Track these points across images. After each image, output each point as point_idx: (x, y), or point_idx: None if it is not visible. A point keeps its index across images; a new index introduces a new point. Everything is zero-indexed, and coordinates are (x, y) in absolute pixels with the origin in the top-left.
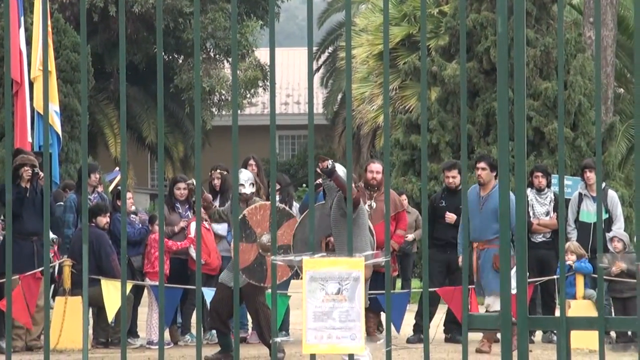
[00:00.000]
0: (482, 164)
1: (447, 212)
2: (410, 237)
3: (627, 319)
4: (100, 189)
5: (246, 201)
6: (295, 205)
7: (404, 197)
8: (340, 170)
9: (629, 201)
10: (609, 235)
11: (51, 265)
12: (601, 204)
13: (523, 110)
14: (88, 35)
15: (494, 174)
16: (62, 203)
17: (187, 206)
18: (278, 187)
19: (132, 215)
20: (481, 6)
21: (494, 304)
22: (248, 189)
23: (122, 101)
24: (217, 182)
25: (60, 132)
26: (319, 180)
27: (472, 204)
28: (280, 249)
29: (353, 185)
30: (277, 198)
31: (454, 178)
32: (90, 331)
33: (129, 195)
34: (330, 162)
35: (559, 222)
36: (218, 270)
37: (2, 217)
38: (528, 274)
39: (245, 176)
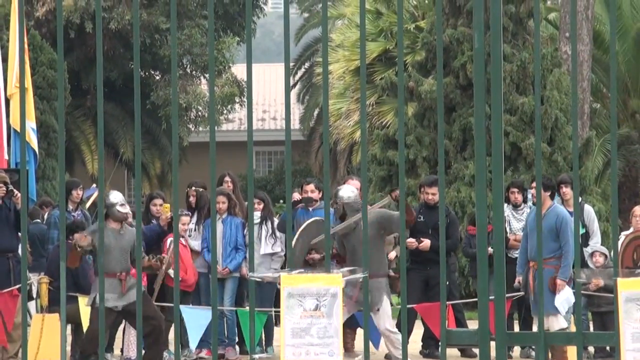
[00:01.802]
0: (534, 184)
1: (424, 240)
2: (392, 254)
3: (605, 334)
4: (87, 205)
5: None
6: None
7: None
8: (349, 190)
9: (606, 216)
10: (589, 249)
11: (28, 282)
12: (578, 220)
13: (500, 125)
14: (64, 51)
15: (548, 193)
16: (38, 220)
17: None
18: (262, 204)
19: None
20: (457, 21)
21: (552, 323)
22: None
23: (99, 118)
24: (192, 199)
25: (36, 149)
26: (296, 197)
27: (532, 223)
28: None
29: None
30: (258, 215)
31: (434, 195)
32: (68, 348)
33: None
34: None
35: (537, 236)
36: (194, 287)
37: None
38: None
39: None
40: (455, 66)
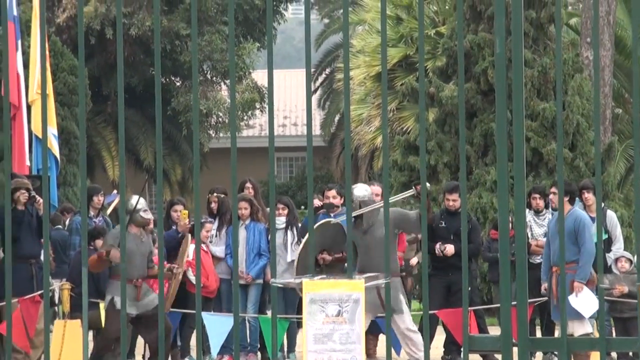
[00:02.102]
0: (554, 189)
1: (447, 245)
2: (414, 260)
3: (628, 340)
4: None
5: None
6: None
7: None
8: (362, 189)
9: (628, 221)
10: (612, 255)
11: (50, 288)
12: (601, 225)
13: (522, 131)
14: (85, 58)
15: (567, 198)
16: (59, 226)
17: None
18: (286, 209)
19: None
20: (478, 27)
21: (577, 328)
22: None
23: (120, 124)
24: (214, 205)
25: (58, 155)
26: (317, 203)
27: (552, 229)
28: None
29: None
30: (283, 220)
31: (454, 201)
32: (90, 354)
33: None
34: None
35: (560, 240)
36: (216, 293)
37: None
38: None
39: (142, 202)
40: (476, 72)
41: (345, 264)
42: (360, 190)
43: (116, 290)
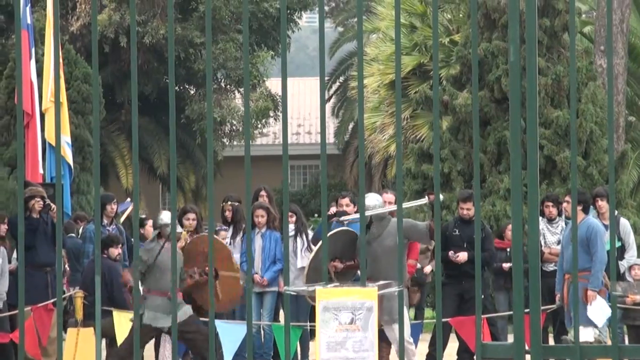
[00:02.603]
0: (567, 198)
1: (460, 253)
2: (427, 268)
3: None
4: (121, 219)
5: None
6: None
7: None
8: (374, 199)
9: None
10: (625, 263)
11: (64, 296)
12: (614, 233)
13: (535, 138)
14: (99, 66)
15: (581, 207)
16: (73, 235)
17: (196, 236)
18: (294, 217)
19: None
20: (492, 35)
21: (582, 335)
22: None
23: (134, 132)
24: (228, 213)
25: (71, 163)
26: (332, 210)
27: (566, 238)
28: None
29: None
30: (292, 227)
31: (468, 210)
32: None
33: (149, 223)
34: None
35: (573, 249)
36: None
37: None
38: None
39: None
40: (489, 80)
41: (358, 272)
42: (372, 200)
43: (150, 306)
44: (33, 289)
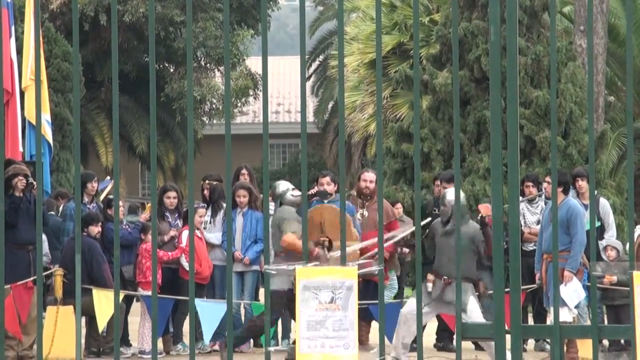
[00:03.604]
0: (548, 178)
1: None
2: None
3: (620, 327)
4: (101, 197)
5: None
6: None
7: (398, 205)
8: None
9: (621, 209)
10: (604, 242)
11: (44, 274)
12: (594, 213)
13: (516, 118)
14: (79, 44)
15: (561, 189)
16: (52, 213)
17: (176, 215)
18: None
19: (124, 223)
20: (472, 15)
21: (561, 315)
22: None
23: (114, 110)
24: (206, 192)
25: (51, 142)
26: (313, 191)
27: (546, 218)
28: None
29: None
30: (272, 206)
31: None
32: (83, 341)
33: (120, 204)
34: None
35: (552, 230)
36: (209, 280)
37: None
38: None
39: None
40: (469, 59)
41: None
42: (452, 194)
43: None
44: (15, 267)
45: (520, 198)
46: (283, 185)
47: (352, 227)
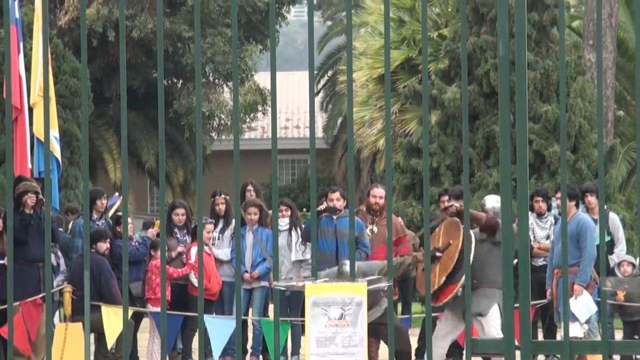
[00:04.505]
0: (559, 194)
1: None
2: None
3: (631, 343)
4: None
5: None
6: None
7: (399, 219)
8: (493, 200)
9: (630, 224)
10: (614, 257)
11: (53, 291)
12: (604, 228)
13: (525, 133)
14: (87, 60)
15: (573, 202)
16: (61, 229)
17: (185, 231)
18: (289, 211)
19: (133, 240)
20: (481, 29)
21: (572, 331)
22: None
23: (123, 126)
24: (221, 207)
25: (60, 158)
26: (322, 206)
27: (557, 232)
28: None
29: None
30: (287, 221)
31: (460, 207)
32: (92, 357)
33: (129, 220)
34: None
35: (562, 244)
36: (218, 296)
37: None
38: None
39: None
40: (478, 74)
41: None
42: (492, 201)
43: None
44: (25, 285)
45: (530, 213)
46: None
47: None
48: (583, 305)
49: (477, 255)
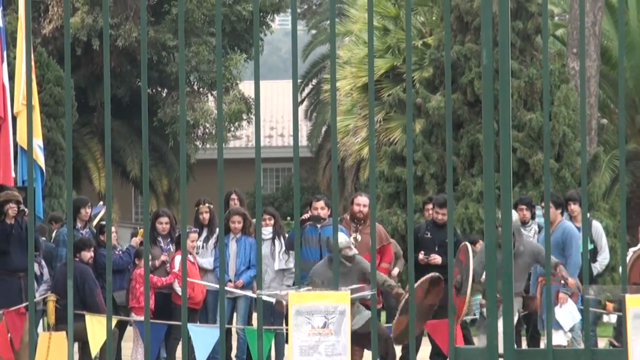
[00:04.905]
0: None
1: (434, 255)
2: (395, 271)
3: (613, 351)
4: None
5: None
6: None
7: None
8: None
9: (614, 232)
10: (597, 266)
11: (36, 300)
12: (587, 236)
13: (509, 141)
14: (71, 69)
15: (559, 211)
16: (44, 238)
17: (168, 240)
18: (272, 219)
19: (117, 249)
20: (465, 38)
21: (555, 339)
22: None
23: (107, 135)
24: (205, 216)
25: (43, 167)
26: (306, 215)
27: (541, 241)
28: None
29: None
30: (270, 230)
31: (443, 215)
32: None
33: (112, 229)
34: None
35: (546, 252)
36: (202, 304)
37: None
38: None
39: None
40: (462, 82)
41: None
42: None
43: None
44: (7, 294)
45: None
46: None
47: None
48: (567, 313)
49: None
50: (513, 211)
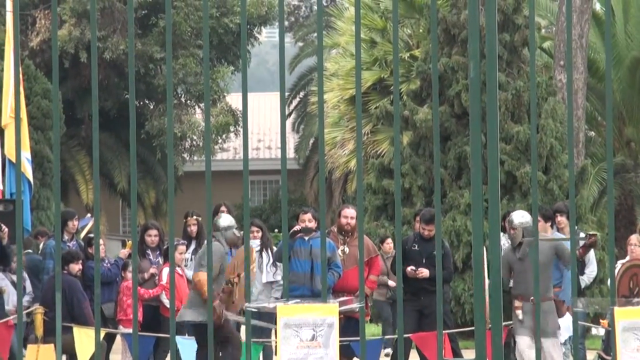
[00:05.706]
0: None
1: (421, 268)
2: (391, 283)
3: None
4: (82, 235)
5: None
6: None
7: (389, 241)
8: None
9: (602, 244)
10: (585, 278)
11: (25, 312)
12: (575, 248)
13: (496, 154)
14: (59, 81)
15: (548, 223)
16: (30, 250)
17: (157, 252)
18: (260, 232)
19: (105, 261)
20: (452, 50)
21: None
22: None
23: (94, 147)
24: (193, 228)
25: (31, 179)
26: (296, 228)
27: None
28: None
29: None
30: (257, 242)
31: (430, 231)
32: None
33: (100, 241)
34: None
35: (533, 264)
36: None
37: None
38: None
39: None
40: (450, 95)
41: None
42: (518, 216)
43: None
44: None
45: (502, 234)
46: (226, 221)
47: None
48: (568, 324)
49: (522, 274)
50: (525, 213)
